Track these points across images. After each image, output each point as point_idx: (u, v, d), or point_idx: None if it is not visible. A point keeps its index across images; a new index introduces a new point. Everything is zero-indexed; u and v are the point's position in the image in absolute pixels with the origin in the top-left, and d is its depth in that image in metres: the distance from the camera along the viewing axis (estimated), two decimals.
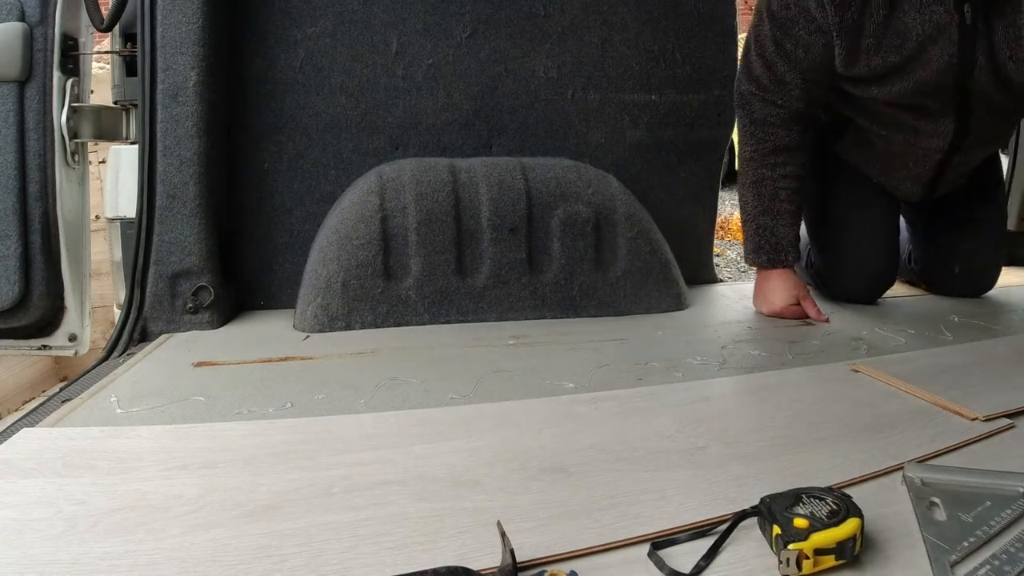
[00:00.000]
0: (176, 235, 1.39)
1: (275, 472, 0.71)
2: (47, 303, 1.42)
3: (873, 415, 0.83)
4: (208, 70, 1.40)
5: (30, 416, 0.94)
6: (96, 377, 1.11)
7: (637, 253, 1.53)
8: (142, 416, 0.91)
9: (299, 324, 1.39)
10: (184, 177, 1.39)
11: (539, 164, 1.54)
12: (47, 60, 1.38)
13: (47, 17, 1.38)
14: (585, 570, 0.52)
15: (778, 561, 0.52)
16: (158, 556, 0.55)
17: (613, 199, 1.53)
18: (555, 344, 1.26)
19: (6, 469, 0.72)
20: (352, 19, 1.56)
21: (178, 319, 1.39)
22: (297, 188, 1.56)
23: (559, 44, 1.65)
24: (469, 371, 1.08)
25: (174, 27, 1.37)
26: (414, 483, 0.68)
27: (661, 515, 0.61)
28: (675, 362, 1.12)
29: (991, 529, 0.56)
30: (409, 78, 1.59)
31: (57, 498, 0.65)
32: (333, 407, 0.94)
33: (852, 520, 0.53)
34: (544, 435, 0.80)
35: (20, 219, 1.37)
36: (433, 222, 1.42)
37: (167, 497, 0.65)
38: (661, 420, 0.84)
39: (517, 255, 1.47)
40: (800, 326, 1.35)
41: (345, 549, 0.56)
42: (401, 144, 1.60)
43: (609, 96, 1.69)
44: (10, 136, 1.36)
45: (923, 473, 0.65)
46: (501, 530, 0.52)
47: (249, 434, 0.81)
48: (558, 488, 0.67)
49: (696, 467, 0.70)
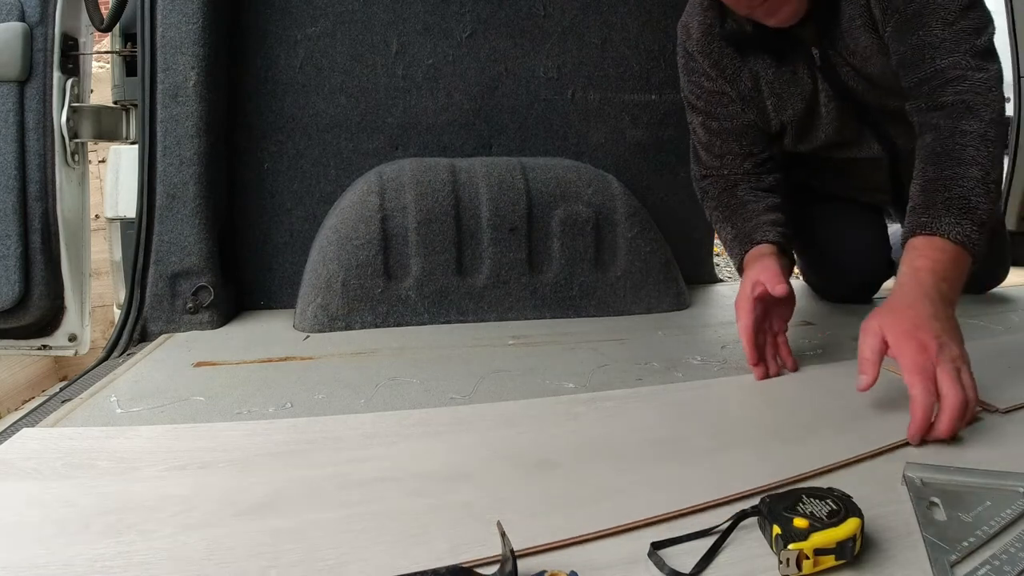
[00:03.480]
0: (176, 235, 1.39)
1: (273, 471, 0.71)
2: (47, 303, 1.42)
3: (884, 410, 0.83)
4: (208, 70, 1.40)
5: (30, 416, 0.94)
6: (96, 377, 1.11)
7: (637, 253, 1.53)
8: (142, 416, 0.91)
9: (299, 324, 1.39)
10: (184, 177, 1.39)
11: (539, 164, 1.54)
12: (47, 60, 1.38)
13: (47, 17, 1.38)
14: (585, 570, 0.52)
15: (778, 561, 0.52)
16: (151, 556, 0.55)
17: (613, 199, 1.53)
18: (555, 344, 1.26)
19: (6, 469, 0.72)
20: (352, 19, 1.56)
21: (178, 319, 1.39)
22: (297, 188, 1.56)
23: (559, 44, 1.65)
24: (469, 371, 1.08)
25: (174, 27, 1.37)
26: (410, 480, 0.68)
27: (659, 509, 0.61)
28: (675, 362, 1.12)
29: (991, 529, 0.56)
30: (409, 78, 1.59)
31: (50, 499, 0.65)
32: (333, 407, 0.94)
33: (852, 520, 0.53)
34: (543, 434, 0.80)
35: (20, 219, 1.36)
36: (433, 222, 1.42)
37: (163, 497, 0.65)
38: (661, 420, 0.84)
39: (517, 255, 1.47)
40: (801, 326, 1.34)
41: (339, 544, 0.56)
42: (401, 144, 1.60)
43: (609, 96, 1.69)
44: (10, 136, 1.36)
45: (923, 473, 0.65)
46: (501, 530, 0.52)
47: (249, 434, 0.81)
48: (554, 483, 0.67)
49: (696, 466, 0.70)
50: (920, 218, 0.85)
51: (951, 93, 0.92)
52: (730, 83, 1.19)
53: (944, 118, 0.91)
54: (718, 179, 1.22)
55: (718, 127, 1.21)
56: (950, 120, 0.90)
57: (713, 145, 1.22)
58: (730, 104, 1.20)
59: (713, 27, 1.16)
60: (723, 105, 1.20)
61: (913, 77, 0.98)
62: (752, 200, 1.18)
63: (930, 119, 0.94)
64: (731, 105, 1.20)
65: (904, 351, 0.74)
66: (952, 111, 0.91)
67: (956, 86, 0.92)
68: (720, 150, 1.22)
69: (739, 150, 1.21)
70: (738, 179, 1.21)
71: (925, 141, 0.93)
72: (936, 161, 0.87)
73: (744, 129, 1.21)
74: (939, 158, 0.87)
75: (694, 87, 1.22)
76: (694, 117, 1.25)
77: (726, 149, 1.21)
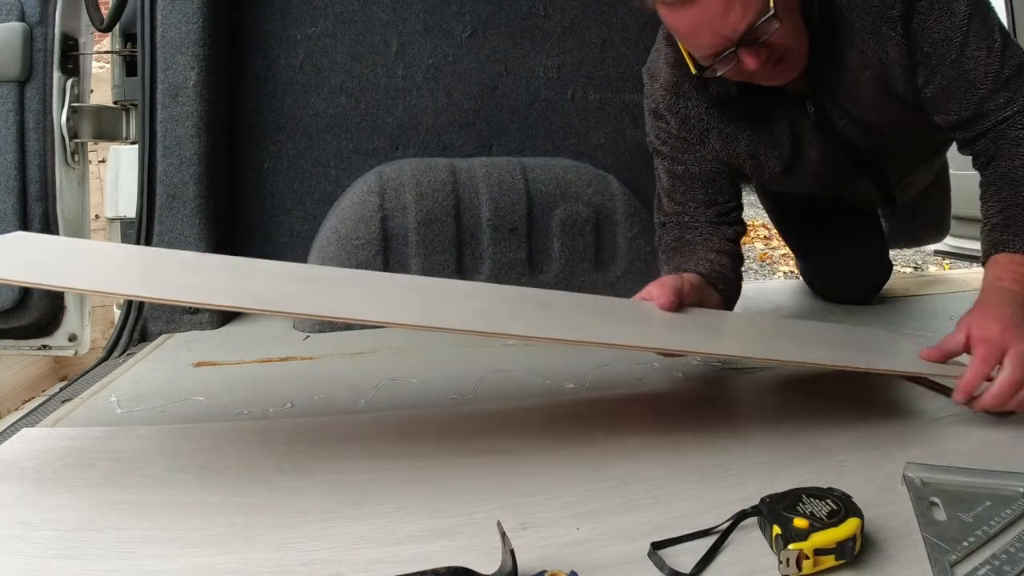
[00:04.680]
0: (176, 235, 1.39)
1: (272, 470, 0.71)
2: (47, 303, 1.42)
3: (882, 409, 0.83)
4: (208, 70, 1.40)
5: (30, 416, 0.94)
6: (96, 377, 1.11)
7: (637, 253, 1.53)
8: (142, 416, 0.91)
9: (299, 324, 1.39)
10: (184, 177, 1.39)
11: (539, 164, 1.54)
12: (47, 60, 1.38)
13: (47, 17, 1.38)
14: (585, 570, 0.52)
15: (778, 561, 0.52)
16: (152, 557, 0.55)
17: (613, 199, 1.53)
18: (555, 344, 1.26)
19: (6, 469, 0.72)
20: (352, 19, 1.56)
21: (178, 319, 1.39)
22: (297, 188, 1.56)
23: (559, 44, 1.65)
24: (469, 371, 1.08)
25: (174, 27, 1.37)
26: (407, 478, 0.68)
27: (658, 505, 0.61)
28: (675, 362, 1.11)
29: (991, 529, 0.56)
30: (409, 78, 1.59)
31: (49, 499, 0.65)
32: (333, 407, 0.94)
33: (852, 520, 0.53)
34: (542, 432, 0.80)
35: (20, 219, 1.36)
36: (433, 222, 1.42)
37: (163, 497, 0.65)
38: (661, 420, 0.84)
39: (517, 255, 1.47)
40: None
41: (337, 546, 0.56)
42: (401, 144, 1.60)
43: (609, 96, 1.69)
44: (10, 136, 1.36)
45: (923, 473, 0.65)
46: (501, 530, 0.52)
47: (249, 434, 0.81)
48: (553, 474, 0.68)
49: (696, 465, 0.70)
50: (1002, 236, 0.92)
51: (1016, 125, 0.96)
52: (699, 142, 1.12)
53: (1012, 145, 0.96)
54: (675, 226, 1.14)
55: (683, 171, 1.13)
56: (1017, 147, 0.96)
57: (676, 191, 1.14)
58: (698, 151, 1.13)
59: (681, 85, 1.08)
60: (690, 152, 1.13)
61: (964, 109, 1.00)
62: (702, 243, 1.10)
63: (994, 147, 0.98)
64: (699, 151, 1.13)
65: (985, 330, 0.80)
66: (1018, 140, 0.96)
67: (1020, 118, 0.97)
68: (683, 196, 1.14)
69: (703, 197, 1.13)
70: (697, 226, 1.13)
71: (998, 166, 0.97)
72: (1013, 186, 0.94)
73: (711, 176, 1.13)
74: (1014, 183, 0.94)
75: (660, 132, 1.15)
76: (659, 163, 1.17)
77: (689, 196, 1.13)
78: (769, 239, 4.79)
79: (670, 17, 0.89)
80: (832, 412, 0.85)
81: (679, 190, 1.14)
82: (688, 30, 0.89)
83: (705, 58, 0.92)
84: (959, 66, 0.96)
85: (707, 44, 0.89)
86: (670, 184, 1.15)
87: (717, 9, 0.85)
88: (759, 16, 0.85)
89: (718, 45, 0.88)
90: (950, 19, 0.94)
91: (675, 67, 1.07)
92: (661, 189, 1.18)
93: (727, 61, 0.90)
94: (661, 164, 1.16)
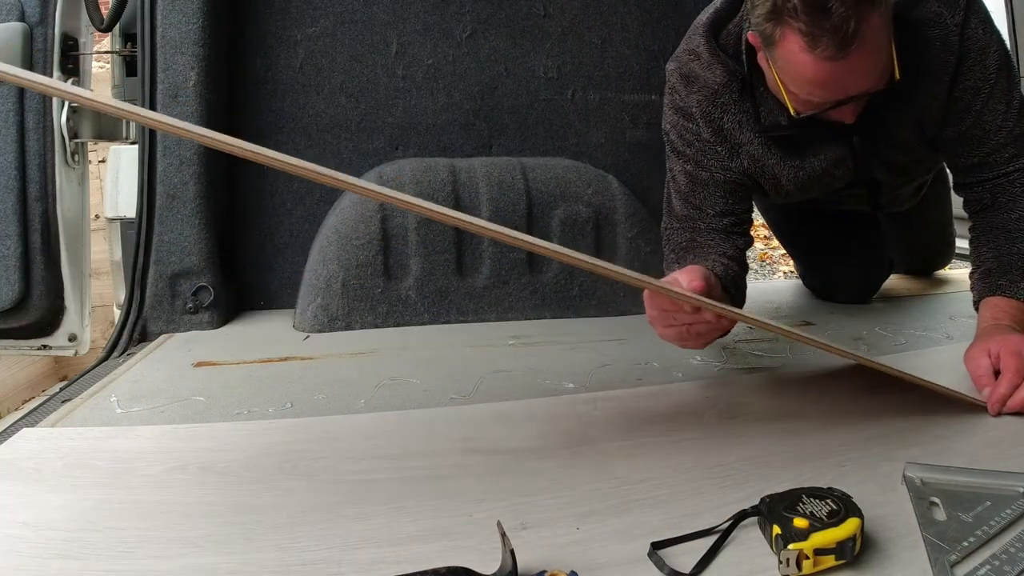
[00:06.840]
0: (176, 235, 1.39)
1: (273, 471, 0.71)
2: (47, 303, 1.42)
3: (881, 409, 0.83)
4: (208, 70, 1.40)
5: (30, 416, 0.94)
6: (96, 377, 1.11)
7: (637, 253, 1.53)
8: (142, 416, 0.91)
9: (299, 324, 1.39)
10: (184, 177, 1.39)
11: (539, 164, 1.54)
12: (47, 60, 1.38)
13: (47, 17, 1.38)
14: (585, 570, 0.52)
15: (778, 561, 0.52)
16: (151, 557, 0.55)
17: (613, 199, 1.53)
18: (555, 344, 1.26)
19: (6, 469, 0.72)
20: (352, 19, 1.56)
21: (178, 319, 1.39)
22: (297, 188, 1.56)
23: (559, 44, 1.65)
24: (469, 371, 1.08)
25: (174, 27, 1.37)
26: (407, 478, 0.68)
27: (658, 505, 0.61)
28: (675, 362, 1.11)
29: (991, 529, 0.56)
30: (409, 78, 1.59)
31: (49, 499, 0.65)
32: (333, 407, 0.94)
33: (852, 520, 0.53)
34: (542, 432, 0.80)
35: (20, 219, 1.36)
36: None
37: (163, 498, 0.65)
38: (661, 420, 0.84)
39: (517, 255, 1.47)
40: (801, 326, 1.34)
41: (337, 546, 0.57)
42: (401, 144, 1.60)
43: (609, 96, 1.69)
44: (10, 136, 1.36)
45: (923, 473, 0.65)
46: (501, 530, 0.52)
47: (249, 434, 0.81)
48: (553, 474, 0.68)
49: (695, 465, 0.70)
50: (998, 281, 0.99)
51: (1016, 183, 1.02)
52: (730, 156, 1.09)
53: (1009, 200, 1.02)
54: (685, 230, 1.11)
55: (708, 178, 1.09)
56: (1014, 202, 1.02)
57: (695, 195, 1.11)
58: (726, 162, 1.09)
59: (720, 96, 1.05)
60: (718, 160, 1.09)
61: (972, 156, 1.05)
62: (714, 247, 1.08)
63: (990, 198, 1.04)
64: (726, 163, 1.09)
65: (1009, 344, 0.88)
66: (1015, 196, 1.02)
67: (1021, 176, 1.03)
68: (701, 202, 1.10)
69: (722, 206, 1.10)
70: (710, 233, 1.10)
71: (994, 216, 1.03)
72: (1008, 236, 1.01)
73: (733, 187, 1.10)
74: (1010, 234, 1.01)
75: (686, 133, 1.09)
76: (676, 163, 1.12)
77: (708, 203, 1.10)
78: (769, 239, 4.77)
79: (811, 66, 0.84)
80: (832, 412, 0.85)
81: (699, 195, 1.11)
82: (822, 80, 0.86)
83: (816, 105, 0.91)
84: (979, 116, 1.01)
85: (832, 96, 0.89)
86: (688, 187, 1.12)
87: (866, 67, 0.85)
88: (891, 81, 0.89)
89: (840, 97, 0.89)
90: (982, 71, 0.99)
91: (726, 83, 1.04)
92: (676, 190, 1.13)
93: (833, 109, 0.91)
94: (680, 165, 1.12)
